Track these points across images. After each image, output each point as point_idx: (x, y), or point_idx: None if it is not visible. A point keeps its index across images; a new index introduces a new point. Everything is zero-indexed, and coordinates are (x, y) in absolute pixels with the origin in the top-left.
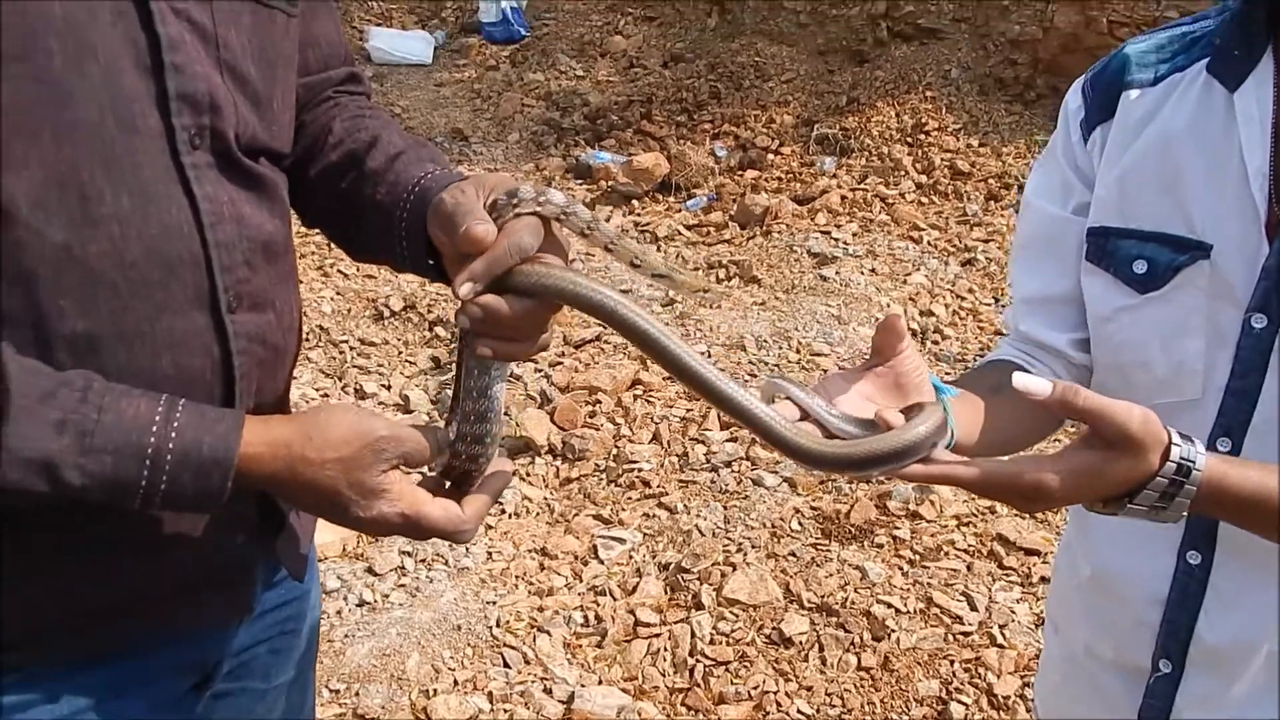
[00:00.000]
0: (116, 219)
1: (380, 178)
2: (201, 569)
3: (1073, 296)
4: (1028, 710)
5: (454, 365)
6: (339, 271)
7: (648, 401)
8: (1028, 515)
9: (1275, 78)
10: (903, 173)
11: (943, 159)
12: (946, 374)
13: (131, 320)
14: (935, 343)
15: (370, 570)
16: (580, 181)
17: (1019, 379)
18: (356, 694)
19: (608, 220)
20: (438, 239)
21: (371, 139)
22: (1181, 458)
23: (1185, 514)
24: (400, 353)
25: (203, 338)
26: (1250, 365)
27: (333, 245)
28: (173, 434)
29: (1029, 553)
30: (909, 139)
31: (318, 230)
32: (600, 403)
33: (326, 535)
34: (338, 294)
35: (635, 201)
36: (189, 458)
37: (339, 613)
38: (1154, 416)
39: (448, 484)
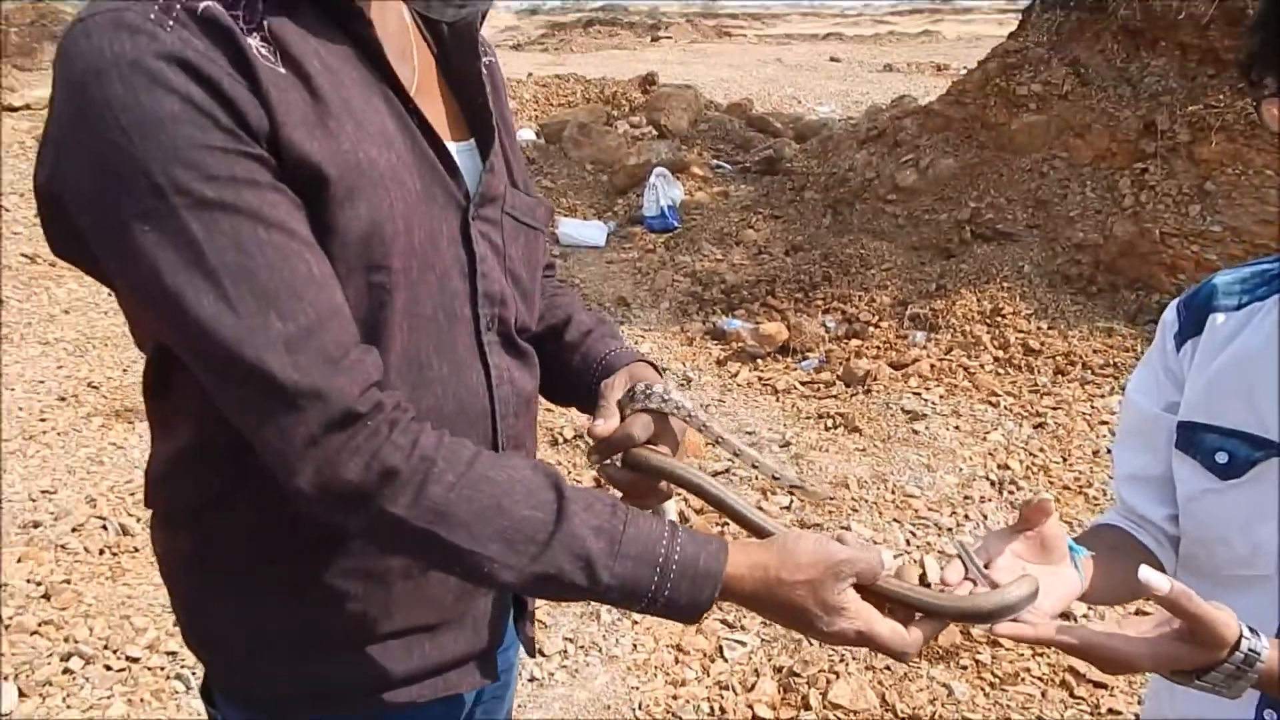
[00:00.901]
0: (439, 382)
1: (575, 349)
2: (472, 646)
3: (1165, 478)
4: None
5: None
6: None
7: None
8: None
9: None
10: (982, 348)
11: (1016, 338)
12: None
13: None
14: (1011, 493)
15: (541, 651)
16: (716, 342)
17: (1144, 573)
18: None
19: (734, 375)
20: None
21: (567, 317)
22: (1249, 649)
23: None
24: (569, 473)
25: None
26: None
27: None
28: (678, 548)
29: (1097, 685)
30: (988, 320)
31: None
32: (727, 527)
33: None
34: None
35: (759, 360)
36: (688, 569)
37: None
38: (1237, 622)
39: None
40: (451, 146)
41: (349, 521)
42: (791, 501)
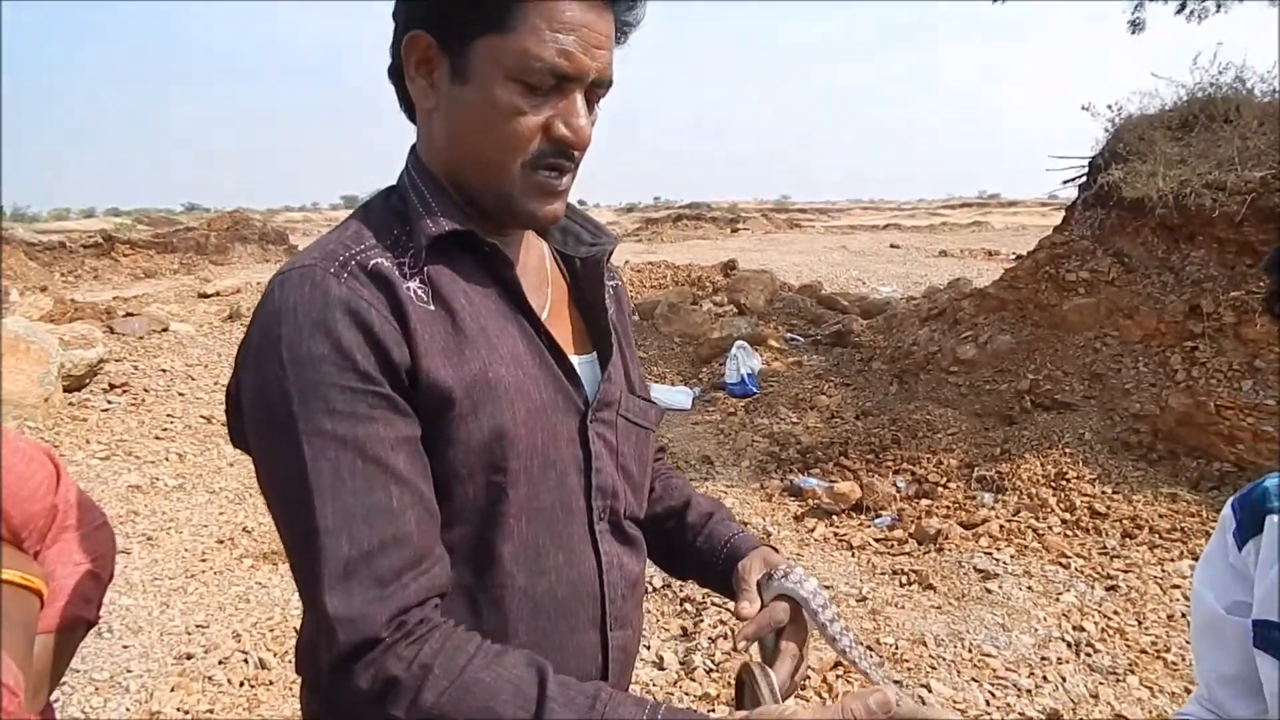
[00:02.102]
0: (554, 569)
1: (698, 531)
2: None
3: (1243, 678)
4: None
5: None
6: None
7: (847, 680)
8: None
9: None
10: (1049, 510)
11: (1082, 501)
12: (1100, 683)
13: (557, 637)
14: (1088, 654)
15: None
16: (793, 499)
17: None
18: None
19: (811, 530)
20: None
21: (686, 500)
22: None
23: None
24: (658, 620)
25: (594, 648)
26: None
27: None
28: None
29: None
30: (1052, 484)
31: None
32: (810, 678)
33: None
34: None
35: (834, 517)
36: None
37: None
38: None
39: None
40: (575, 359)
41: (367, 719)
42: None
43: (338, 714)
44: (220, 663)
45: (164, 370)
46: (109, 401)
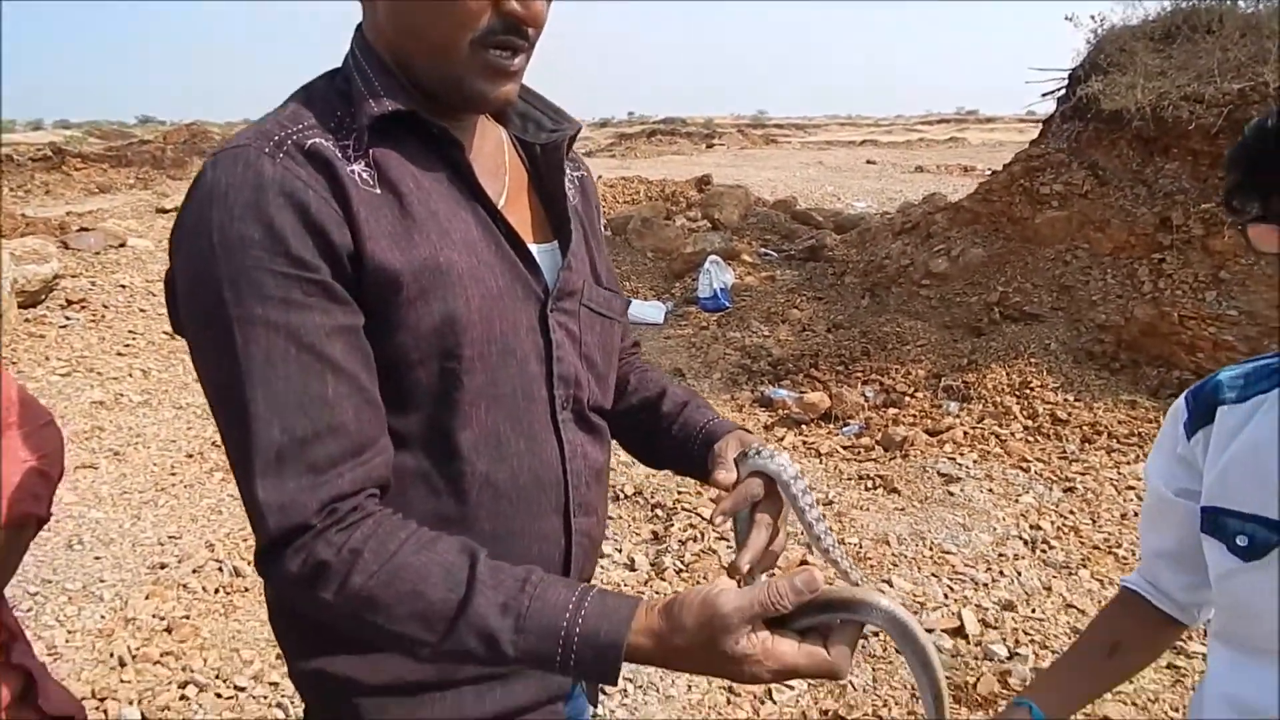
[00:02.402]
0: (516, 456)
1: (673, 419)
2: (539, 695)
3: (1181, 554)
4: None
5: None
6: None
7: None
8: (1132, 704)
9: None
10: (1012, 417)
11: (1044, 408)
12: (1053, 577)
13: (518, 522)
14: (1044, 551)
15: (602, 690)
16: (764, 409)
17: None
18: None
19: (781, 439)
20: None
21: (661, 390)
22: None
23: None
24: (629, 525)
25: (557, 534)
26: None
27: None
28: (580, 621)
29: None
30: (1017, 392)
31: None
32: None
33: None
34: None
35: (804, 426)
36: (590, 642)
37: None
38: None
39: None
40: (534, 248)
41: (300, 603)
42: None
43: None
44: (194, 571)
45: (123, 286)
46: (67, 318)
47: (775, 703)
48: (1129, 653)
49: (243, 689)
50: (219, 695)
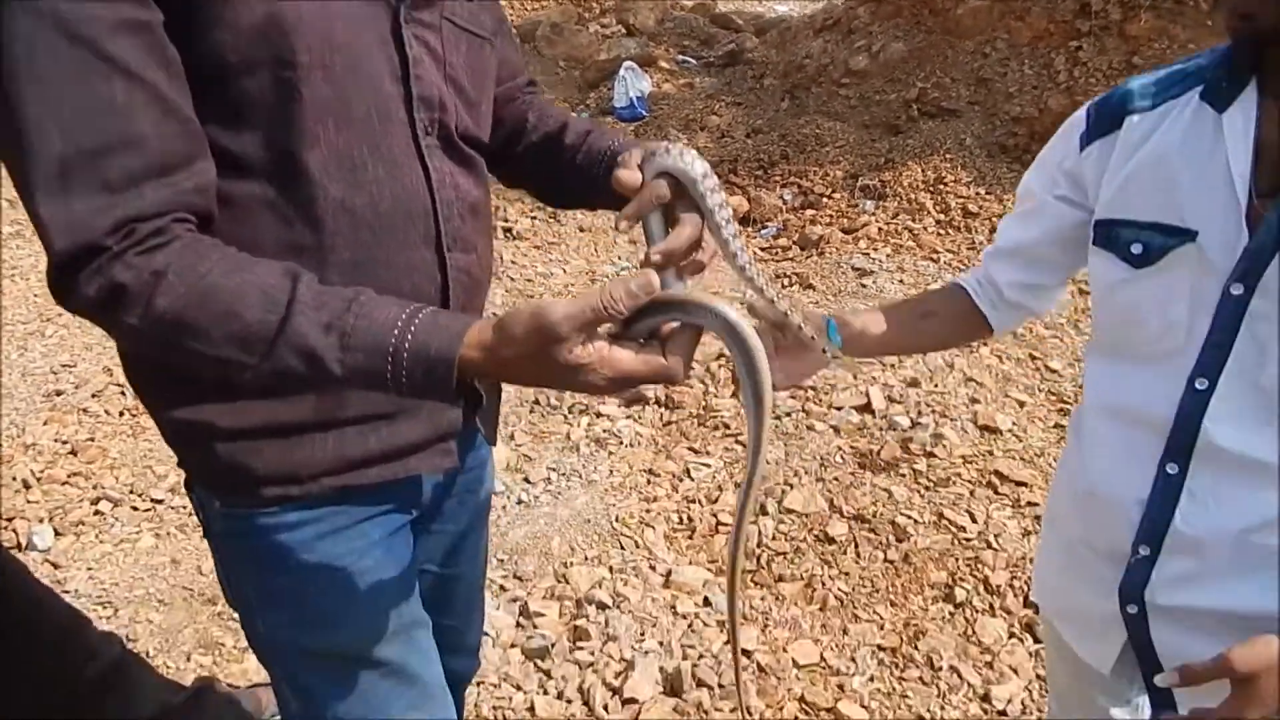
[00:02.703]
0: (375, 182)
1: (577, 150)
2: (429, 432)
3: (1029, 251)
4: (1015, 596)
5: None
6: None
7: (728, 369)
8: (1020, 459)
9: (1258, 101)
10: (925, 212)
11: (957, 202)
12: (955, 355)
13: (382, 252)
14: None
15: (526, 479)
16: None
17: (1163, 680)
18: (515, 562)
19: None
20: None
21: (562, 123)
22: None
23: None
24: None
25: (430, 267)
26: (1227, 323)
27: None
28: (408, 337)
29: (1019, 484)
30: (931, 188)
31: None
32: (694, 368)
33: (496, 452)
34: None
35: None
36: (420, 357)
37: (504, 507)
38: (1244, 655)
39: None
40: None
41: (106, 328)
42: None
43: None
44: (94, 396)
45: None
46: None
47: (693, 479)
48: (937, 324)
49: (160, 501)
50: (135, 508)
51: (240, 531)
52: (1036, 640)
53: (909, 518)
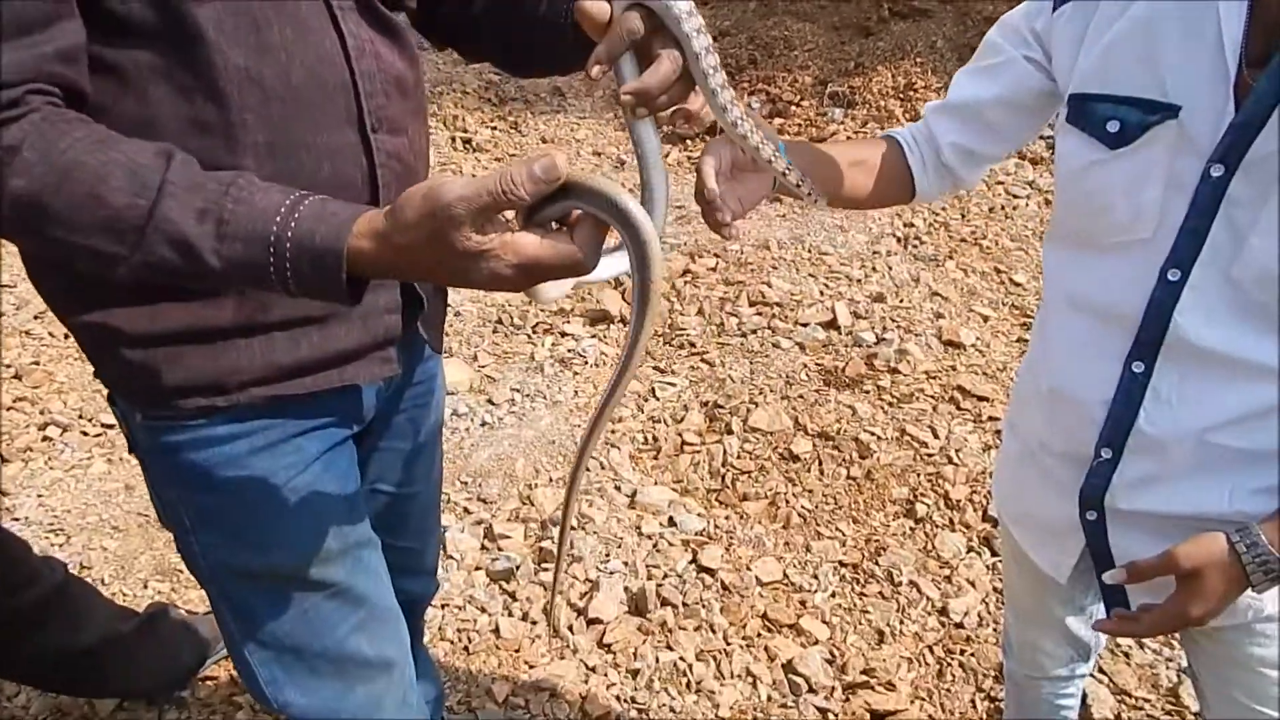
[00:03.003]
0: (283, 47)
1: (537, 2)
2: (365, 338)
3: (978, 111)
4: (974, 511)
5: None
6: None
7: (695, 286)
8: (983, 373)
9: None
10: (895, 120)
11: None
12: (922, 269)
13: (299, 132)
14: (914, 246)
15: (490, 401)
16: None
17: (1111, 576)
18: (480, 485)
19: (665, 156)
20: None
21: None
22: (1247, 542)
23: None
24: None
25: (354, 151)
26: (1204, 208)
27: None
28: (292, 224)
29: (980, 399)
30: (900, 95)
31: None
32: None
33: (458, 374)
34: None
35: (688, 141)
36: (304, 247)
37: (467, 429)
38: (1189, 551)
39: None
40: None
41: None
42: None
43: None
44: (36, 318)
45: None
46: None
47: (658, 399)
48: (862, 174)
49: (110, 425)
50: (85, 434)
51: (165, 446)
52: (994, 554)
53: (872, 434)
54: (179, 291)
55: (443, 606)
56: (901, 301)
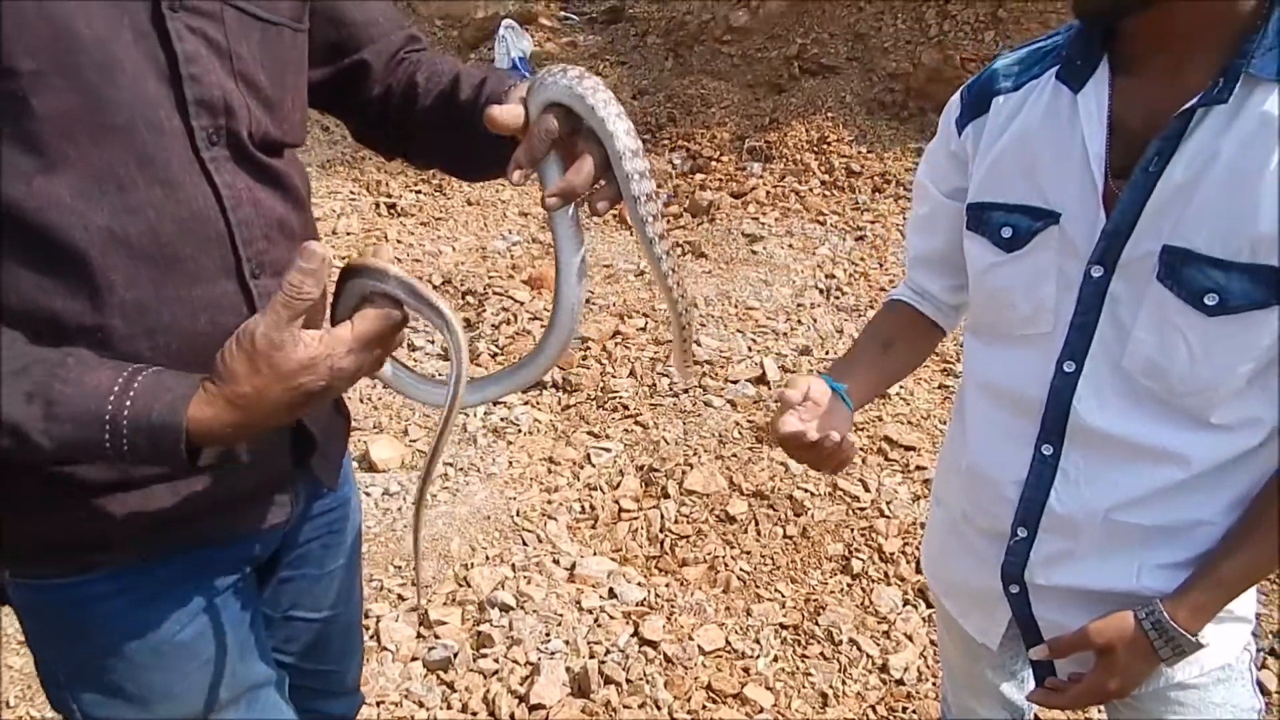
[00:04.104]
0: (151, 206)
1: (476, 103)
2: (252, 484)
3: (945, 257)
4: (908, 563)
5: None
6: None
7: (625, 346)
8: (908, 422)
9: (1109, 80)
10: (811, 173)
11: (840, 162)
12: (845, 320)
13: (171, 289)
14: (837, 298)
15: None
16: None
17: (1036, 653)
18: (413, 569)
19: (588, 216)
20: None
21: (454, 78)
22: (1152, 619)
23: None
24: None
25: (233, 300)
26: (1089, 305)
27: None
28: (127, 403)
29: (907, 448)
30: (815, 148)
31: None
32: (590, 349)
33: (389, 451)
34: None
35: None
36: (141, 424)
37: (399, 509)
38: (1100, 628)
39: None
40: None
41: None
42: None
43: None
44: None
45: None
46: None
47: (594, 465)
48: (900, 351)
49: None
50: None
51: (39, 605)
52: (929, 605)
53: (805, 490)
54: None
55: (378, 704)
56: (827, 353)
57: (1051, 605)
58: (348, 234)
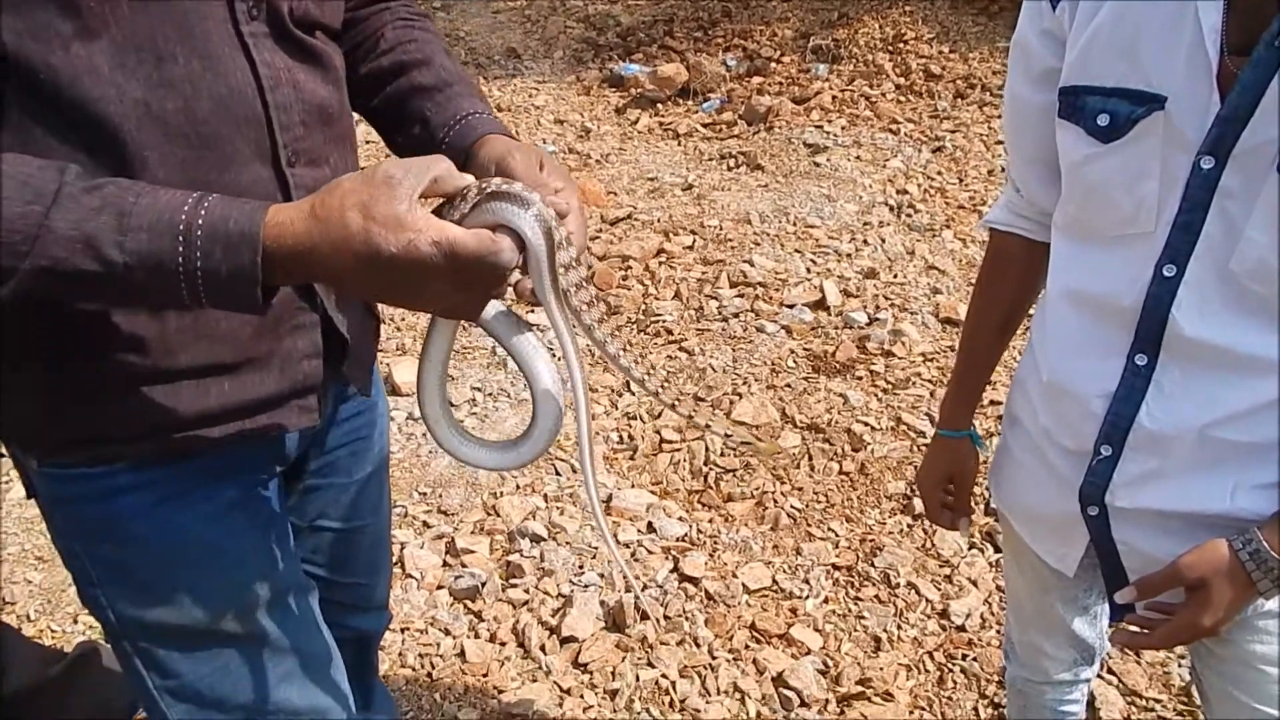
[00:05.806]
0: (188, 80)
1: (429, 96)
2: (281, 387)
3: (1044, 159)
4: (976, 504)
5: None
6: None
7: (670, 266)
8: None
9: None
10: (884, 76)
11: (918, 64)
12: (918, 241)
13: (204, 171)
14: (909, 216)
15: (449, 402)
16: (614, 89)
17: (1122, 596)
18: (440, 495)
19: (635, 122)
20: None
21: (425, 57)
22: (1250, 550)
23: None
24: None
25: (267, 188)
26: (1196, 202)
27: None
28: (202, 212)
29: None
30: (890, 47)
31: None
32: (631, 268)
33: (411, 374)
34: None
35: (659, 105)
36: (217, 232)
37: (424, 435)
38: (1192, 561)
39: None
40: None
41: None
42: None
43: None
44: None
45: None
46: None
47: (634, 394)
48: (1018, 319)
49: None
50: (2, 454)
51: (65, 496)
52: (997, 550)
53: (866, 424)
54: (89, 342)
55: (402, 630)
56: (895, 276)
57: (1133, 529)
58: None
